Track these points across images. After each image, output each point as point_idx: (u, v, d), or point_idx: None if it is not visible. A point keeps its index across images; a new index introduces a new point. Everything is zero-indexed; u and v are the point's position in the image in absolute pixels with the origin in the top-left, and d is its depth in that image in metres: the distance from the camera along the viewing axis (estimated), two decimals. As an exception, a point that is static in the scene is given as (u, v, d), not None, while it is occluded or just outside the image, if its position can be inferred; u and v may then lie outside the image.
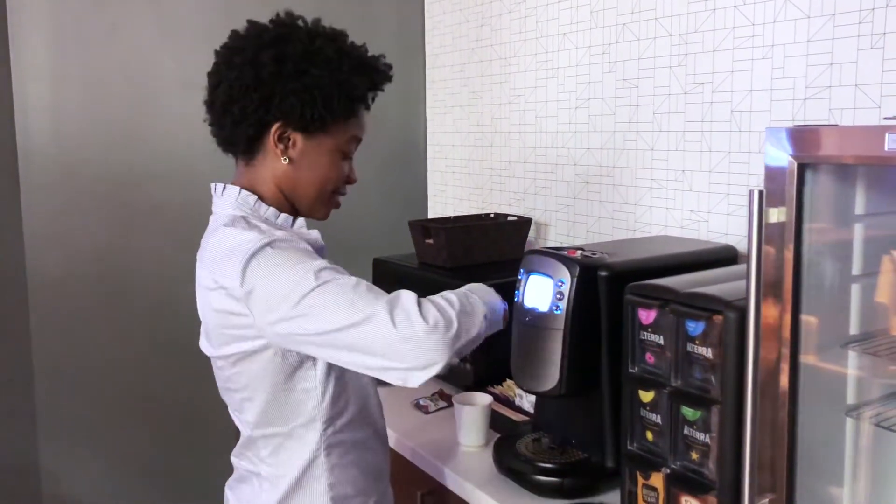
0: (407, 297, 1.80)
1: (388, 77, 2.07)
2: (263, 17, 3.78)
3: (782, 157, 1.61)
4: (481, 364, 2.97)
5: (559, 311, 2.23)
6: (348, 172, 2.09)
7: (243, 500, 2.10)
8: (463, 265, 3.24)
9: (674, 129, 2.90)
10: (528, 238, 3.50)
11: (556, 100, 3.45)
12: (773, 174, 1.63)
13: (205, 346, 2.07)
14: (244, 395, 2.01)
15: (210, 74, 2.07)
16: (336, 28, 2.05)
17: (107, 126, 3.86)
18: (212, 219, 2.09)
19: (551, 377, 2.26)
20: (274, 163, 2.01)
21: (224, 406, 3.95)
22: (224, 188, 2.08)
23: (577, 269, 2.22)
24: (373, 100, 2.08)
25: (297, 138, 1.98)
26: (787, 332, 1.67)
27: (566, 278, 2.22)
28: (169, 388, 4.09)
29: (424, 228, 3.30)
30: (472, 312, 1.88)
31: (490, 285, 2.67)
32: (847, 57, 2.33)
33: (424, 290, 2.33)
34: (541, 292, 2.28)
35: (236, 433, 2.15)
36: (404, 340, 1.73)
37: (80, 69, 3.81)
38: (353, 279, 1.81)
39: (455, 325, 1.79)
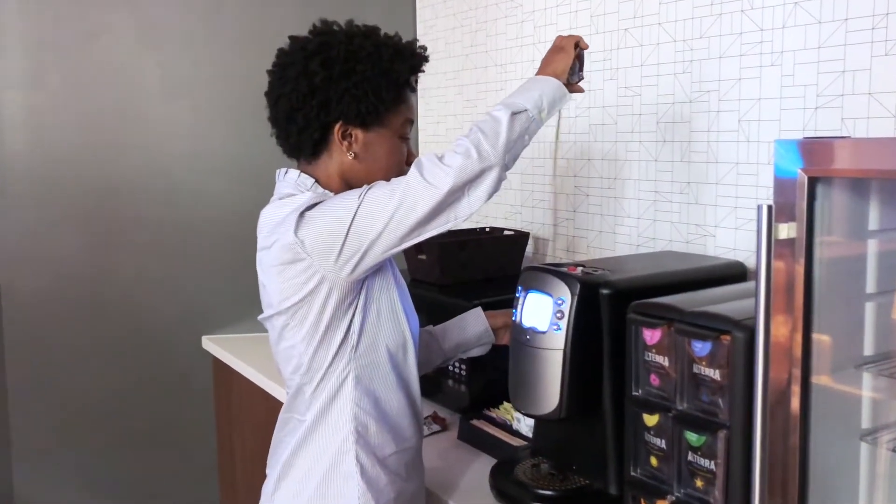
0: (427, 157, 2.08)
1: (424, 58, 2.32)
2: (248, 24, 3.81)
3: (792, 170, 1.62)
4: (477, 386, 2.97)
5: (559, 331, 2.23)
6: (407, 153, 2.32)
7: (283, 441, 2.31)
8: (457, 282, 3.24)
9: (679, 139, 2.91)
10: (526, 254, 3.50)
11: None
12: (782, 188, 1.64)
13: (265, 314, 2.27)
14: (291, 343, 2.21)
15: (267, 93, 2.29)
16: (368, 25, 2.28)
17: (86, 135, 3.87)
18: (271, 200, 2.29)
19: (551, 400, 2.27)
20: (340, 158, 2.23)
21: (205, 427, 3.96)
22: (286, 172, 2.28)
23: (578, 286, 2.23)
24: (416, 82, 2.32)
25: (358, 133, 2.22)
26: (798, 353, 1.67)
27: (566, 296, 2.23)
28: (149, 410, 4.09)
29: (416, 244, 3.30)
30: (495, 129, 2.10)
31: (486, 304, 2.68)
32: (860, 64, 2.34)
33: (416, 307, 2.34)
34: (539, 311, 2.29)
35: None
36: (446, 174, 2.02)
37: (59, 77, 3.82)
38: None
39: (479, 146, 2.06)
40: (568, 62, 2.28)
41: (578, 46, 2.33)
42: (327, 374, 2.17)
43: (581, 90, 2.41)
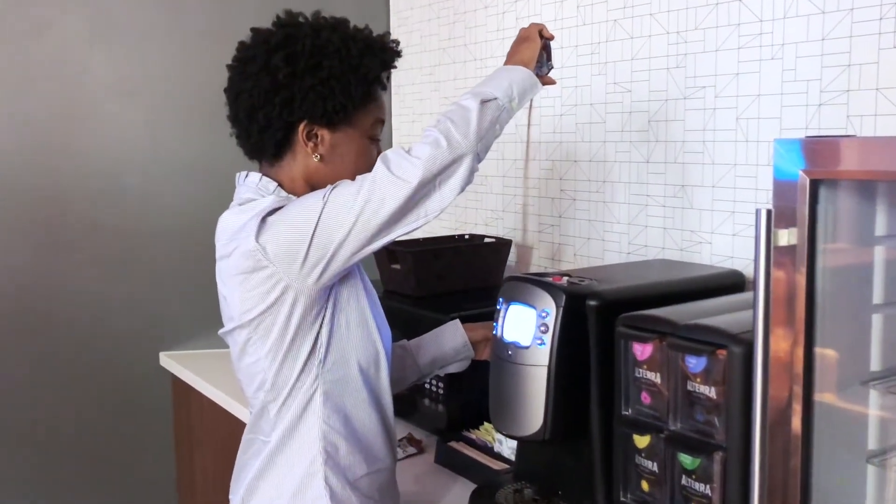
0: (393, 150, 2.09)
1: (397, 53, 2.31)
2: (209, 16, 3.78)
3: (793, 171, 1.62)
4: (455, 405, 2.96)
5: (543, 346, 2.23)
6: (377, 156, 2.21)
7: (247, 464, 2.30)
8: (433, 293, 3.23)
9: (672, 138, 2.91)
10: (508, 263, 3.50)
11: (538, 106, 3.45)
12: (782, 191, 1.64)
13: (226, 328, 2.26)
14: (254, 359, 2.20)
15: (227, 89, 2.28)
16: (337, 16, 2.27)
17: (31, 137, 3.83)
18: (231, 205, 2.29)
19: (534, 420, 2.26)
20: (305, 161, 2.23)
21: (163, 449, 3.93)
22: (247, 175, 2.28)
23: (563, 297, 2.22)
24: (388, 79, 2.32)
25: (324, 134, 2.21)
26: (799, 368, 1.66)
27: (551, 308, 2.23)
28: (103, 433, 4.06)
29: (389, 252, 3.29)
30: (465, 116, 2.09)
31: (465, 317, 2.67)
32: (867, 57, 2.34)
33: (389, 321, 2.33)
34: (522, 324, 2.28)
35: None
36: (415, 167, 2.01)
37: (2, 72, 3.78)
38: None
39: (448, 135, 2.05)
40: (535, 51, 2.31)
41: (543, 37, 2.36)
42: (293, 390, 2.16)
43: (552, 82, 2.45)
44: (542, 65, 2.36)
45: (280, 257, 2.04)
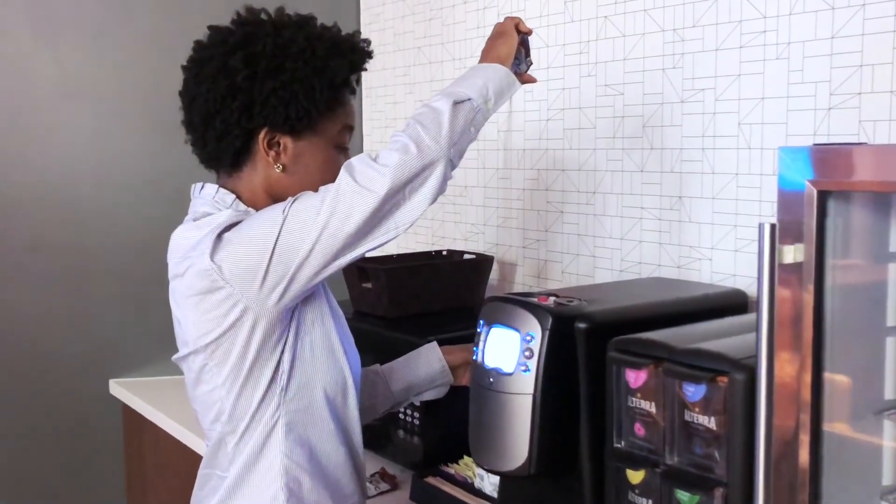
0: (358, 158, 2.07)
1: (367, 54, 2.30)
2: (166, 10, 3.76)
3: (800, 182, 1.61)
4: (432, 437, 2.95)
5: (527, 373, 2.22)
6: None
7: (203, 501, 2.30)
8: (408, 314, 3.23)
9: (668, 145, 2.91)
10: (490, 281, 3.50)
11: (522, 110, 3.45)
12: (788, 203, 1.63)
13: (180, 353, 2.25)
14: (211, 387, 2.19)
15: (181, 93, 2.26)
16: (302, 13, 2.25)
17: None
18: (185, 220, 2.27)
19: (518, 453, 2.26)
20: (266, 171, 2.21)
21: (113, 485, 3.92)
22: (202, 186, 2.26)
23: (550, 319, 2.22)
24: (357, 82, 2.30)
25: (287, 142, 2.19)
26: (807, 396, 1.66)
27: (536, 331, 2.22)
28: (48, 466, 4.05)
29: (360, 269, 3.29)
30: (436, 119, 2.07)
31: (442, 340, 2.66)
32: (880, 57, 2.34)
33: (359, 345, 2.32)
34: (505, 349, 2.28)
35: None
36: (382, 175, 1.99)
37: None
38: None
39: (418, 140, 2.03)
40: (512, 46, 2.30)
41: (521, 31, 2.36)
42: (253, 421, 2.14)
43: (532, 79, 2.45)
44: (520, 61, 2.36)
45: (237, 277, 2.02)
